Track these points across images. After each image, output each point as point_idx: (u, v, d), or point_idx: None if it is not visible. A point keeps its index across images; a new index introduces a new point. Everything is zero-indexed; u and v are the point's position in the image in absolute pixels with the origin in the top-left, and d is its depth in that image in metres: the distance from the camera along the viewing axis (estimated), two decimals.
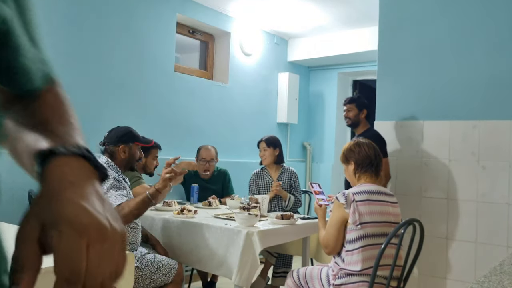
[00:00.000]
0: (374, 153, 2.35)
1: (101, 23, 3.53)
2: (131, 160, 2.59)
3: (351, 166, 2.35)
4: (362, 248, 2.12)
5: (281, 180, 3.64)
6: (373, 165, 2.33)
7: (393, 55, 3.48)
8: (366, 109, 3.39)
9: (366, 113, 3.40)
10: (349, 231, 2.16)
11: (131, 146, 2.58)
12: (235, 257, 2.49)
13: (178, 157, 2.49)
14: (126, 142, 2.57)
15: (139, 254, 2.49)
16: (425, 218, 3.22)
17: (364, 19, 4.68)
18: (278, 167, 3.71)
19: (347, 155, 2.38)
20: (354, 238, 2.14)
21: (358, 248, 2.12)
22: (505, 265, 1.30)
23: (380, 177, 2.39)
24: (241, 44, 4.88)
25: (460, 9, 3.21)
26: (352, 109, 3.38)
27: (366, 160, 2.32)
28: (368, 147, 2.36)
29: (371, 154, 2.34)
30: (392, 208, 2.26)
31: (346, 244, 2.17)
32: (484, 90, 3.09)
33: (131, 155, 2.58)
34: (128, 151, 2.57)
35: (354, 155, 2.35)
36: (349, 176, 2.40)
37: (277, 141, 3.74)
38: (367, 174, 2.32)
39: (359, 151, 2.34)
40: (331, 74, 5.79)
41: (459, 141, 3.17)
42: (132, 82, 3.77)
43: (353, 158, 2.35)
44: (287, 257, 3.57)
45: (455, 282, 3.14)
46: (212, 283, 3.79)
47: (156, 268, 2.47)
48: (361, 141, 2.42)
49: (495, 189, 3.01)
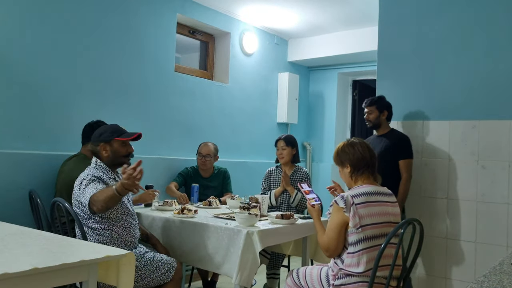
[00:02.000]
0: (369, 153, 2.28)
1: (102, 23, 3.53)
2: (116, 157, 2.53)
3: (347, 169, 2.30)
4: (364, 250, 2.11)
5: (293, 179, 3.64)
6: (369, 166, 2.27)
7: (392, 55, 3.49)
8: (387, 110, 3.30)
9: (387, 114, 3.30)
10: (350, 234, 2.14)
11: (111, 143, 2.52)
12: (235, 256, 2.50)
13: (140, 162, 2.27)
14: (105, 140, 2.51)
15: (138, 253, 2.47)
16: (425, 217, 3.23)
17: (364, 19, 4.68)
18: (292, 166, 3.71)
19: (341, 157, 2.31)
20: (355, 240, 2.13)
21: (360, 250, 2.11)
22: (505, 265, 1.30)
23: (378, 176, 2.32)
24: (241, 44, 4.88)
25: (460, 9, 3.21)
26: (373, 112, 3.28)
27: (361, 161, 2.26)
28: (362, 147, 2.29)
29: (366, 155, 2.27)
30: (392, 207, 2.25)
31: (347, 246, 2.16)
32: (483, 90, 3.09)
33: (113, 152, 2.52)
34: (109, 149, 2.51)
35: (349, 156, 2.28)
36: (345, 179, 2.34)
37: (294, 141, 3.75)
38: (364, 176, 2.27)
39: (354, 153, 2.27)
40: (331, 74, 5.79)
41: (458, 141, 3.18)
42: (133, 82, 3.77)
43: (348, 160, 2.28)
44: (277, 259, 3.57)
45: (454, 282, 3.15)
46: (213, 282, 3.79)
47: (155, 267, 2.45)
48: (354, 141, 2.33)
49: (495, 189, 3.02)
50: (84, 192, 2.34)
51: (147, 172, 3.72)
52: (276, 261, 3.57)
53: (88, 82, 3.44)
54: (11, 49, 3.01)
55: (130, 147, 2.59)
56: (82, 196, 2.35)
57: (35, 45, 3.13)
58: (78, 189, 2.40)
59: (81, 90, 3.39)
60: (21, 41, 3.05)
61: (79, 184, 2.40)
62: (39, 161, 3.11)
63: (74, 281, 1.69)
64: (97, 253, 1.68)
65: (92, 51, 3.47)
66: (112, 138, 2.52)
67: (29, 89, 3.10)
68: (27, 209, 2.90)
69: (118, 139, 2.52)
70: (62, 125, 3.27)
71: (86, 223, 2.41)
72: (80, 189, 2.38)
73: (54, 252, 1.67)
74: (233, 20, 4.79)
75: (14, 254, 1.60)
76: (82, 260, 1.56)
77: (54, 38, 3.23)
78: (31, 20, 3.10)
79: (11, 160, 2.98)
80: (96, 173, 2.44)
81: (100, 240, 2.40)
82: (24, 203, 2.92)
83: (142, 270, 2.41)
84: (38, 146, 3.13)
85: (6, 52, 2.98)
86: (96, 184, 2.36)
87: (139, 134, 2.57)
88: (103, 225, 2.41)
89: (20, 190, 2.96)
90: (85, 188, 2.35)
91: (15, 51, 3.03)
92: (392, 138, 3.22)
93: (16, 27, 3.03)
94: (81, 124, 3.13)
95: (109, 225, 2.42)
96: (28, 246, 1.74)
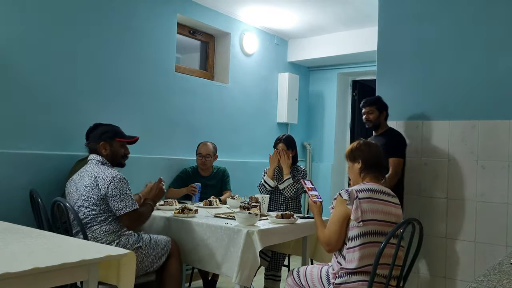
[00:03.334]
0: (382, 155, 2.36)
1: (102, 23, 3.53)
2: (114, 157, 2.65)
3: (358, 164, 2.34)
4: (361, 246, 2.12)
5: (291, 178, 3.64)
6: (378, 167, 2.34)
7: (392, 55, 3.49)
8: (385, 110, 3.31)
9: (385, 114, 3.32)
10: (351, 228, 2.16)
11: (112, 142, 2.64)
12: (236, 256, 2.51)
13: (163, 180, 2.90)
14: (107, 139, 2.63)
15: (136, 236, 2.60)
16: (425, 217, 3.23)
17: (363, 19, 4.69)
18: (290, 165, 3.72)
19: (355, 153, 2.36)
20: (355, 235, 2.14)
21: (358, 246, 2.13)
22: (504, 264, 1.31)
23: (384, 178, 2.39)
24: (241, 44, 4.89)
25: (460, 9, 3.22)
26: (374, 112, 3.28)
27: (374, 161, 2.32)
28: (377, 148, 2.37)
29: (379, 156, 2.35)
30: (395, 209, 2.26)
31: (347, 241, 2.18)
32: (483, 90, 3.10)
33: (112, 151, 2.64)
34: (109, 148, 2.63)
35: (363, 154, 2.33)
36: (353, 174, 2.39)
37: (294, 142, 3.76)
38: (372, 175, 2.31)
39: (369, 151, 2.34)
40: (331, 74, 5.80)
41: (458, 141, 3.18)
42: (133, 82, 3.78)
43: (361, 157, 2.33)
44: (277, 261, 3.57)
45: (454, 281, 3.16)
46: (213, 281, 3.80)
47: (154, 244, 2.62)
48: (371, 142, 2.42)
49: (494, 189, 3.02)
50: (121, 197, 2.46)
51: (147, 172, 3.75)
52: (276, 262, 3.57)
53: (88, 82, 3.45)
54: (10, 49, 3.01)
55: (127, 150, 2.75)
56: (116, 199, 2.45)
57: (35, 45, 3.13)
58: (106, 188, 2.45)
59: (81, 90, 3.40)
60: (21, 41, 3.06)
61: (108, 184, 2.46)
62: (40, 161, 3.11)
63: (75, 280, 1.69)
64: (98, 252, 1.69)
65: (92, 51, 3.47)
66: (114, 138, 2.65)
67: (29, 89, 3.10)
68: (28, 208, 2.90)
69: (119, 140, 2.66)
70: (62, 125, 3.28)
71: (95, 218, 2.46)
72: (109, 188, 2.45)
73: (55, 251, 1.68)
74: (233, 21, 4.79)
75: (15, 254, 1.60)
76: (83, 260, 1.57)
77: (54, 38, 3.24)
78: (31, 20, 3.10)
79: (12, 159, 2.98)
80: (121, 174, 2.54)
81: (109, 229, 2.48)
82: (24, 202, 2.92)
83: (145, 250, 2.58)
84: (39, 146, 3.14)
85: (5, 52, 2.98)
86: (128, 191, 2.52)
87: (137, 138, 2.75)
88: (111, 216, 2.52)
89: (20, 190, 2.96)
90: (121, 192, 2.47)
91: (14, 51, 3.03)
92: (389, 137, 3.23)
93: (16, 27, 3.03)
94: (81, 124, 3.13)
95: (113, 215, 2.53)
96: (28, 245, 1.75)
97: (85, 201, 2.47)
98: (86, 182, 2.49)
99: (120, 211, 2.46)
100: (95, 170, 2.52)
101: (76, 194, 2.51)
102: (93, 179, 2.48)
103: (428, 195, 3.29)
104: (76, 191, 2.52)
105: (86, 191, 2.47)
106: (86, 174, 2.53)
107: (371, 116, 3.30)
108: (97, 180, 2.47)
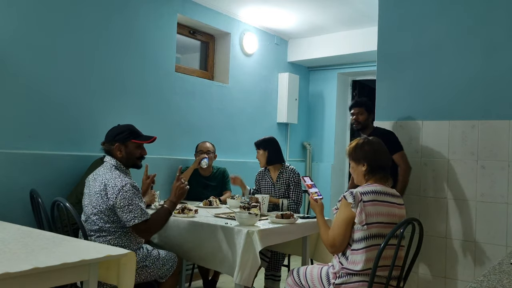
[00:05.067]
0: (387, 156, 2.31)
1: (102, 23, 3.53)
2: (129, 159, 2.54)
3: (363, 167, 2.28)
4: (366, 249, 2.11)
5: (280, 181, 3.61)
6: (384, 169, 2.28)
7: (392, 55, 3.49)
8: (373, 112, 3.34)
9: (373, 116, 3.33)
10: (355, 231, 2.14)
11: (127, 144, 2.52)
12: (236, 256, 2.51)
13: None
14: (122, 140, 2.51)
15: (145, 252, 2.53)
16: (425, 217, 3.23)
17: (363, 20, 4.69)
18: (278, 166, 3.65)
19: (358, 155, 2.29)
20: (359, 238, 2.13)
21: (362, 248, 2.12)
22: (504, 264, 1.31)
23: (389, 179, 2.31)
24: (241, 44, 4.89)
25: (460, 9, 3.22)
26: (363, 113, 3.29)
27: (380, 163, 2.27)
28: (381, 146, 2.31)
29: (384, 157, 2.29)
30: (398, 209, 2.24)
31: (352, 243, 2.16)
32: (483, 90, 3.09)
33: (127, 153, 2.53)
34: (124, 149, 2.52)
35: (367, 155, 2.27)
36: (357, 176, 2.33)
37: (266, 142, 3.65)
38: (376, 177, 2.27)
39: (374, 152, 2.27)
40: (331, 74, 5.80)
41: (458, 141, 3.18)
42: (133, 82, 3.78)
43: (366, 160, 2.27)
44: (277, 261, 3.57)
45: (454, 281, 3.16)
46: (213, 281, 3.80)
47: (162, 263, 2.55)
48: (373, 140, 2.33)
49: (494, 189, 3.02)
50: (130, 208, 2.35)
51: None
52: (275, 262, 3.56)
53: (88, 82, 3.45)
54: (13, 49, 3.01)
55: (144, 150, 2.62)
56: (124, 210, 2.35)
57: (37, 45, 3.13)
58: (115, 198, 2.35)
59: (81, 90, 3.40)
60: (23, 41, 3.06)
61: (116, 193, 2.36)
62: (40, 161, 3.11)
63: (75, 280, 1.69)
64: (98, 252, 1.69)
65: (93, 51, 3.48)
66: (128, 139, 2.53)
67: (31, 89, 3.10)
68: (28, 208, 2.90)
69: (134, 141, 2.54)
70: (63, 125, 3.28)
71: (104, 228, 2.41)
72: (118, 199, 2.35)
73: (55, 251, 1.68)
74: (233, 21, 4.79)
75: (15, 254, 1.60)
76: (83, 260, 1.57)
77: (56, 38, 3.24)
78: (33, 21, 3.10)
79: (12, 159, 2.98)
80: (132, 181, 2.43)
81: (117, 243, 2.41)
82: (25, 202, 2.92)
83: (150, 268, 2.50)
84: (39, 146, 3.14)
85: (8, 53, 2.99)
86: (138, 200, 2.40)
87: (155, 138, 2.62)
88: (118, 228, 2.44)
89: (21, 190, 2.96)
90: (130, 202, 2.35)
91: (17, 51, 3.03)
92: (379, 135, 3.22)
93: (18, 28, 3.03)
94: (81, 124, 3.13)
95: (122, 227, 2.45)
96: (28, 245, 1.75)
97: (94, 208, 2.41)
98: (97, 188, 2.42)
99: (128, 223, 2.35)
100: (106, 176, 2.42)
101: (88, 198, 2.47)
102: (103, 186, 2.39)
103: (428, 195, 3.29)
104: (88, 193, 2.48)
105: (96, 198, 2.41)
106: (98, 179, 2.45)
107: (361, 117, 3.30)
108: (106, 188, 2.38)
